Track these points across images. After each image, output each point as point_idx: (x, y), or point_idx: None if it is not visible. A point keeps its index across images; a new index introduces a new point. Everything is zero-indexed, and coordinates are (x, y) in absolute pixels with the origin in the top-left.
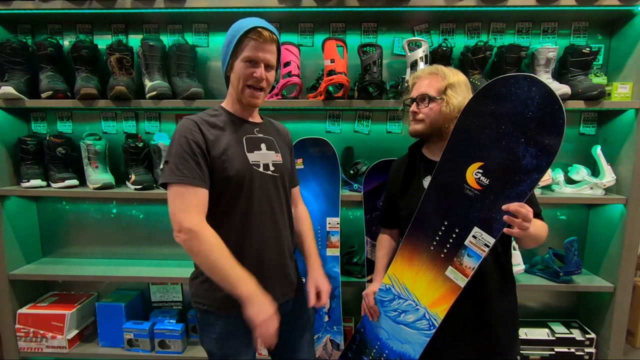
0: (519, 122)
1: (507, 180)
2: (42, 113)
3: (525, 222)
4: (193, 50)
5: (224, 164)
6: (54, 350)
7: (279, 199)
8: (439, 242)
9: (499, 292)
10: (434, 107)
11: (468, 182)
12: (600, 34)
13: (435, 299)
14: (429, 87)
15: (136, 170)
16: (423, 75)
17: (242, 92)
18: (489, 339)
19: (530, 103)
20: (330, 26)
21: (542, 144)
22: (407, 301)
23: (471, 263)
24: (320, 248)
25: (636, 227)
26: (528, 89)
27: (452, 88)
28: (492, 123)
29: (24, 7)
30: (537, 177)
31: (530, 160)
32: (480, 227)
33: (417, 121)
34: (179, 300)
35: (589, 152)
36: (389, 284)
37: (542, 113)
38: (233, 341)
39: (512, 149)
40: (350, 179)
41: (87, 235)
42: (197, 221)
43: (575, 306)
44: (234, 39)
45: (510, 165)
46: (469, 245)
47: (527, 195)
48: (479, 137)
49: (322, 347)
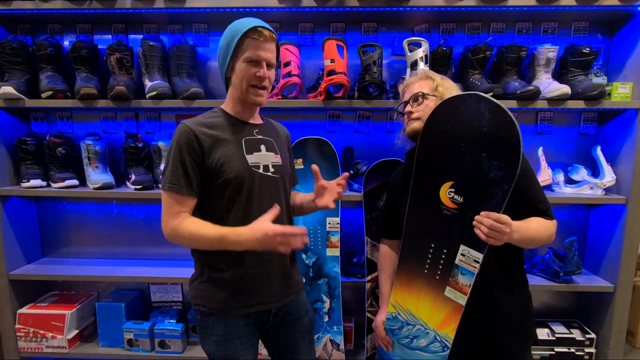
0: (477, 137)
1: (479, 195)
2: (42, 113)
3: (497, 232)
4: (193, 50)
5: (223, 167)
6: (54, 350)
7: (279, 200)
8: (430, 264)
9: (505, 293)
10: (429, 104)
11: (444, 203)
12: (600, 34)
13: (441, 321)
14: (420, 87)
15: (136, 170)
16: (413, 80)
17: (247, 92)
18: (497, 344)
19: (482, 118)
20: (330, 26)
21: (504, 155)
22: (415, 326)
23: (466, 280)
24: (320, 248)
25: (636, 227)
26: (477, 106)
27: (444, 87)
28: (452, 142)
29: (24, 7)
30: (507, 187)
31: (497, 173)
32: (466, 245)
33: (414, 120)
34: (179, 300)
35: (589, 152)
36: (394, 312)
37: (496, 126)
38: (233, 343)
39: (477, 164)
40: (350, 179)
41: (87, 235)
42: (175, 224)
43: (575, 306)
44: (233, 40)
45: (479, 180)
46: (460, 264)
47: (502, 206)
48: (443, 157)
49: (322, 347)
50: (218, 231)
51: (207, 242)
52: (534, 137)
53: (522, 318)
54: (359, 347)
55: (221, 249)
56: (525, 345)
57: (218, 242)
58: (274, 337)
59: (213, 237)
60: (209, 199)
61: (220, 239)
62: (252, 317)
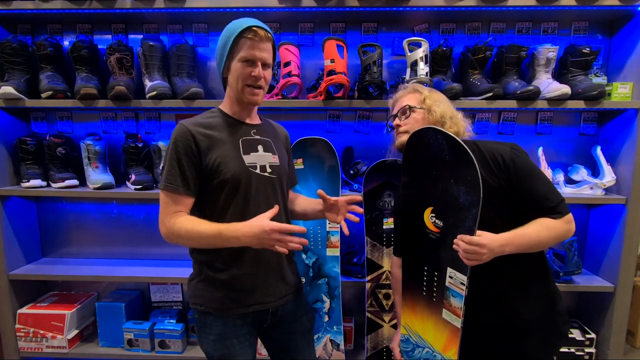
0: (443, 165)
1: (454, 219)
2: (42, 113)
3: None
4: (193, 50)
5: (220, 167)
6: (54, 350)
7: (276, 200)
8: (426, 286)
9: (521, 296)
10: (417, 117)
11: (427, 227)
12: (600, 34)
13: (444, 344)
14: (408, 100)
15: (136, 170)
16: (402, 94)
17: (242, 92)
18: (515, 350)
19: (443, 149)
20: (330, 26)
21: (467, 181)
22: (425, 349)
23: (458, 303)
24: (320, 248)
25: (636, 227)
26: (435, 138)
27: (432, 99)
28: (426, 169)
29: (24, 7)
30: (475, 211)
31: (465, 197)
32: (452, 267)
33: (402, 133)
34: (179, 300)
35: (589, 152)
36: (405, 334)
37: (455, 155)
38: (231, 342)
39: (448, 190)
40: (350, 179)
41: (87, 235)
42: (171, 223)
43: (576, 306)
44: (229, 40)
45: (452, 204)
46: (450, 287)
47: (474, 229)
48: (421, 183)
49: (322, 347)
50: (215, 227)
51: (204, 239)
52: (534, 137)
53: (544, 321)
54: (359, 347)
55: (218, 246)
56: (551, 350)
57: (215, 238)
58: (273, 336)
59: (210, 234)
60: (206, 199)
61: (217, 235)
62: (249, 316)
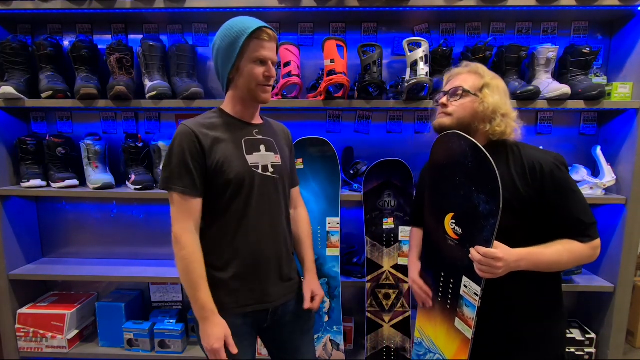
0: (466, 172)
1: (473, 228)
2: (42, 113)
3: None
4: (193, 50)
5: (223, 167)
6: (54, 350)
7: (278, 200)
8: (442, 293)
9: (528, 305)
10: (466, 103)
11: (447, 233)
12: (600, 34)
13: (454, 352)
14: (464, 81)
15: (136, 170)
16: (460, 71)
17: (256, 91)
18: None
19: (466, 155)
20: (330, 26)
21: (487, 190)
22: (435, 355)
23: (470, 313)
24: (320, 248)
25: (636, 227)
26: (459, 143)
27: (489, 87)
28: (449, 175)
29: (24, 7)
30: (493, 222)
31: (484, 206)
32: (467, 277)
33: (446, 114)
34: (179, 300)
35: (589, 152)
36: (419, 337)
37: (477, 162)
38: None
39: (469, 197)
40: (350, 179)
41: (87, 235)
42: (181, 227)
43: (575, 306)
44: (238, 41)
45: (471, 213)
46: (464, 295)
47: (491, 240)
48: (444, 189)
49: (322, 347)
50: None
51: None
52: (534, 137)
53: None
54: (359, 347)
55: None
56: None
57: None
58: (273, 336)
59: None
60: (208, 199)
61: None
62: (249, 316)
